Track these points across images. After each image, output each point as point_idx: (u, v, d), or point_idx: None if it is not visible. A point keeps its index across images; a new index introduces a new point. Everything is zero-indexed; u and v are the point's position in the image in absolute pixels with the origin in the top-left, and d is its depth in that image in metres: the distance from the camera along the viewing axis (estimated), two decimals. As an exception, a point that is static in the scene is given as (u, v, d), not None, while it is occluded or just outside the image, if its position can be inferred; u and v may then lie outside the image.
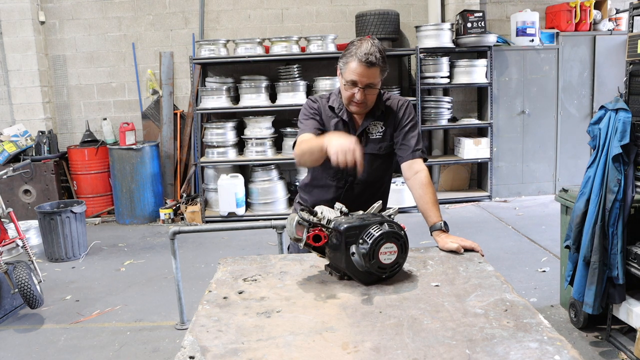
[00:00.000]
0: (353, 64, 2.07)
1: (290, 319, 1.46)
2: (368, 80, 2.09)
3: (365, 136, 2.26)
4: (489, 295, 1.56)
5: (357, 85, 2.10)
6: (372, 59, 2.04)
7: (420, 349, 1.27)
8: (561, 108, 6.85)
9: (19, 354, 3.43)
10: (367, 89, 2.11)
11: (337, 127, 2.25)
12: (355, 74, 2.07)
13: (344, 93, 2.17)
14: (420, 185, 2.21)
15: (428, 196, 2.17)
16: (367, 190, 2.32)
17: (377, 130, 2.27)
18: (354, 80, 2.09)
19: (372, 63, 2.05)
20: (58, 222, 5.08)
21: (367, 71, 2.06)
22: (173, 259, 3.62)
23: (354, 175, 2.24)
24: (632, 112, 2.95)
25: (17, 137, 6.46)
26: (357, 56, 2.05)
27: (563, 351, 1.23)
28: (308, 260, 1.90)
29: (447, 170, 7.06)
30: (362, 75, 2.07)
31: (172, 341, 3.52)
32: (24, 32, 6.52)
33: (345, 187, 2.28)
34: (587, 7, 6.59)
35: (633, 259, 2.97)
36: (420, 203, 2.20)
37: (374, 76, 2.09)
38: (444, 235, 2.04)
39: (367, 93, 2.12)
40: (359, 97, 2.12)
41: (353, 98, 2.14)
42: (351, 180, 2.27)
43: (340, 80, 2.19)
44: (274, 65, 6.57)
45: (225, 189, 6.16)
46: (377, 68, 2.07)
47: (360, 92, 2.11)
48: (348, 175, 2.25)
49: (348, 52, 2.11)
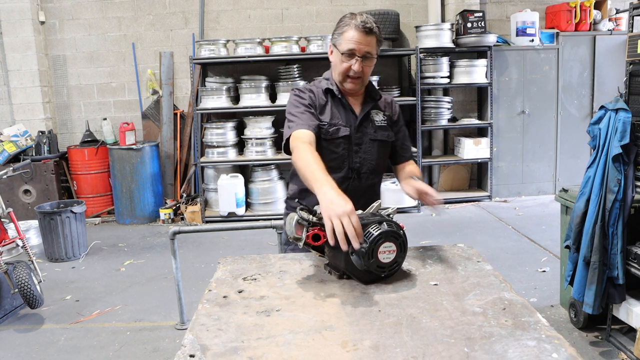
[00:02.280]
0: (350, 32, 2.00)
1: (290, 317, 1.46)
2: (366, 48, 2.01)
3: (371, 122, 2.18)
4: (487, 294, 1.56)
5: (356, 54, 2.01)
6: (369, 25, 1.99)
7: (419, 347, 1.27)
8: (561, 108, 6.85)
9: (19, 354, 3.43)
10: (364, 61, 2.03)
11: (337, 111, 2.14)
12: (353, 42, 1.99)
13: (339, 67, 2.07)
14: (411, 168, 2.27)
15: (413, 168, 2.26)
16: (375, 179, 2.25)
17: (380, 118, 2.20)
18: (352, 49, 2.00)
19: (370, 29, 1.99)
20: (58, 222, 5.08)
21: (365, 38, 1.99)
22: (173, 259, 3.62)
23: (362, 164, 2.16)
24: (632, 112, 2.95)
25: (17, 137, 6.47)
26: (353, 24, 1.99)
27: (561, 349, 1.23)
28: (307, 260, 1.91)
29: (447, 170, 7.07)
30: (360, 42, 1.99)
31: (172, 341, 3.52)
32: (24, 32, 6.53)
33: (352, 178, 2.15)
34: (587, 7, 6.59)
35: (633, 259, 2.97)
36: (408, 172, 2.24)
37: (372, 44, 2.02)
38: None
39: (364, 65, 2.04)
40: (357, 67, 2.02)
41: (350, 72, 2.05)
42: (358, 168, 2.16)
43: (334, 57, 2.10)
44: (274, 65, 6.57)
45: (225, 189, 6.17)
46: (374, 36, 2.02)
47: (358, 63, 2.02)
48: (355, 163, 2.16)
49: (342, 23, 2.05)
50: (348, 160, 2.14)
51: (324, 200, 1.60)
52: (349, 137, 2.13)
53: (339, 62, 2.06)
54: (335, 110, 2.14)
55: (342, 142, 2.13)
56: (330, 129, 2.11)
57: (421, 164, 6.55)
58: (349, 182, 2.14)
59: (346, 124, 2.13)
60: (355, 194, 1.80)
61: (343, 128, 2.12)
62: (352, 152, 2.15)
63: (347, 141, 2.13)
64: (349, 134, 2.13)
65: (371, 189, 2.22)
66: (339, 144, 2.12)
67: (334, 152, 2.12)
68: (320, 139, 2.08)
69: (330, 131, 2.11)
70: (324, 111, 2.13)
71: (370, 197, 2.14)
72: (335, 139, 2.12)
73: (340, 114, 2.14)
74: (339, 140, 2.12)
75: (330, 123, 2.11)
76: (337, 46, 2.05)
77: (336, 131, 2.11)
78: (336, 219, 1.53)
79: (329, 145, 2.11)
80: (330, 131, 2.11)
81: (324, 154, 2.04)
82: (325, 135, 2.11)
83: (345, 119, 2.14)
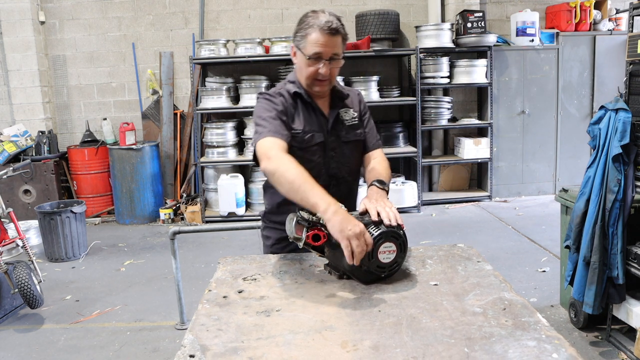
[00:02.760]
0: (314, 35, 1.88)
1: (290, 317, 1.46)
2: (333, 50, 1.90)
3: (341, 124, 2.07)
4: (487, 294, 1.56)
5: (322, 57, 1.90)
6: (334, 25, 1.87)
7: (419, 347, 1.27)
8: (561, 108, 6.85)
9: (19, 354, 3.43)
10: (331, 62, 1.92)
11: (309, 117, 2.02)
12: (319, 45, 1.88)
13: (305, 71, 1.95)
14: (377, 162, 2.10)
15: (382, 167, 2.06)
16: (354, 181, 2.16)
17: (350, 116, 2.09)
18: (318, 52, 1.89)
19: (336, 30, 1.88)
20: (58, 222, 5.08)
21: (331, 40, 1.88)
22: (173, 259, 3.62)
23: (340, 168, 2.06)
24: (632, 112, 2.95)
25: (17, 137, 6.47)
26: (317, 25, 1.87)
27: (561, 349, 1.23)
28: (307, 260, 1.90)
29: (447, 170, 7.07)
30: (326, 45, 1.88)
31: (172, 341, 3.52)
32: (24, 32, 6.53)
33: (331, 184, 2.02)
34: (587, 7, 6.59)
35: (633, 259, 2.97)
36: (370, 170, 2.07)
37: (338, 45, 1.92)
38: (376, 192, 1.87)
39: (331, 67, 1.93)
40: (324, 71, 1.92)
41: (317, 75, 1.94)
42: (336, 174, 2.06)
43: (298, 60, 1.98)
44: (274, 65, 6.57)
45: (225, 189, 6.17)
46: (340, 36, 1.91)
47: (325, 66, 1.91)
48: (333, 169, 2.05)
49: (304, 24, 1.91)
50: (325, 167, 2.04)
51: (336, 222, 1.58)
52: (324, 143, 2.03)
53: (305, 66, 1.95)
54: (306, 115, 2.03)
55: (318, 149, 2.02)
56: (305, 137, 2.00)
57: (421, 163, 6.55)
58: (328, 189, 1.82)
59: (319, 129, 2.03)
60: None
61: (317, 134, 2.02)
62: (329, 158, 2.05)
63: (322, 147, 2.03)
64: (324, 140, 2.03)
65: (351, 193, 2.15)
66: (315, 151, 2.02)
67: (310, 160, 1.99)
68: (294, 149, 1.96)
69: (306, 139, 2.00)
70: (295, 118, 2.02)
71: (352, 203, 2.11)
72: (310, 146, 2.01)
73: (312, 119, 2.03)
74: (315, 148, 2.02)
75: (305, 130, 2.00)
76: (302, 49, 1.94)
77: (311, 138, 2.01)
78: (355, 240, 1.55)
79: (304, 154, 1.99)
80: (306, 139, 2.00)
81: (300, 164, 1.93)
82: (300, 144, 1.99)
83: (317, 123, 2.03)
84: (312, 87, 2.00)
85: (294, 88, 2.03)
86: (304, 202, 1.67)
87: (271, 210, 2.17)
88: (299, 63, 1.99)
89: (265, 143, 1.87)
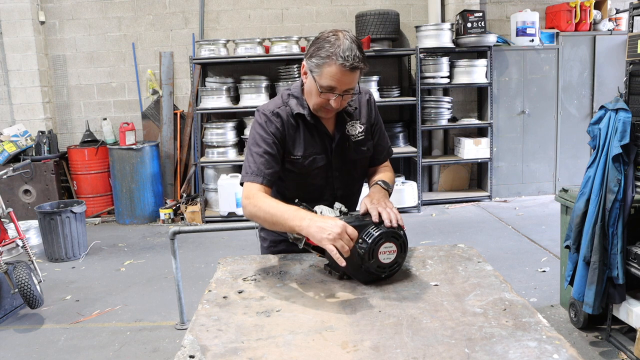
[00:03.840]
0: (332, 68, 1.72)
1: (290, 318, 1.46)
2: (348, 86, 1.77)
3: (347, 140, 1.95)
4: (487, 295, 1.56)
5: (335, 91, 1.77)
6: (355, 62, 1.71)
7: (419, 348, 1.27)
8: (561, 108, 6.85)
9: (19, 354, 3.43)
10: (344, 95, 1.80)
11: (311, 138, 1.91)
12: (335, 80, 1.74)
13: (315, 99, 1.82)
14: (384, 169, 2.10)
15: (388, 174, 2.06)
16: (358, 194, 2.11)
17: (357, 130, 1.96)
18: (333, 87, 1.76)
19: (356, 67, 1.72)
20: (58, 222, 5.08)
21: (349, 77, 1.74)
22: (173, 259, 3.62)
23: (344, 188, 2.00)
24: (632, 112, 2.95)
25: (17, 137, 6.46)
26: (336, 58, 1.70)
27: (562, 350, 1.23)
28: (307, 260, 1.90)
29: (447, 170, 7.07)
30: (342, 82, 1.74)
31: (172, 341, 3.52)
32: (24, 32, 6.52)
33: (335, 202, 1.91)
34: (587, 7, 6.59)
35: (633, 259, 2.97)
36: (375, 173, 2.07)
37: (355, 80, 1.78)
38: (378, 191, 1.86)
39: (343, 99, 1.81)
40: (336, 104, 1.79)
41: (327, 105, 1.81)
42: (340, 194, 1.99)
43: (309, 83, 1.83)
44: (274, 65, 6.57)
45: (225, 189, 6.17)
46: (359, 71, 1.75)
47: (337, 100, 1.78)
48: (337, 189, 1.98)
49: (323, 50, 1.73)
50: (328, 188, 1.97)
51: (312, 231, 1.57)
52: (327, 165, 1.94)
53: (316, 94, 1.80)
54: (308, 136, 1.91)
55: (320, 172, 1.94)
56: (305, 162, 1.91)
57: (421, 163, 6.55)
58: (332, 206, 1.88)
59: (321, 151, 1.93)
60: None
61: (319, 157, 1.92)
62: (332, 179, 1.97)
63: (325, 169, 1.95)
64: (325, 163, 1.94)
65: (354, 204, 2.09)
66: (316, 175, 1.94)
67: (311, 184, 1.95)
68: (293, 175, 1.93)
69: (306, 164, 1.91)
70: (295, 141, 1.90)
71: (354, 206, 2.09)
72: (312, 170, 1.93)
73: (314, 141, 1.92)
74: (316, 172, 1.93)
75: (305, 155, 1.90)
76: (315, 77, 1.78)
77: (312, 162, 1.92)
78: (338, 242, 1.53)
79: (305, 179, 1.94)
80: (306, 164, 1.91)
81: (300, 187, 1.93)
82: (300, 170, 1.92)
83: (321, 144, 1.93)
84: (318, 112, 1.88)
85: (297, 108, 1.90)
86: (286, 229, 1.68)
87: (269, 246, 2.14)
88: (309, 86, 1.84)
89: (245, 189, 1.85)
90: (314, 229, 1.57)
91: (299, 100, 1.91)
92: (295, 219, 1.63)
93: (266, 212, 1.72)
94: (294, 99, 1.92)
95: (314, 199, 1.88)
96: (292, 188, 1.94)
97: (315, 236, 1.56)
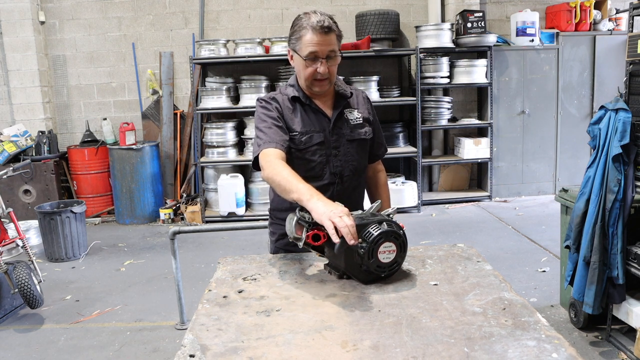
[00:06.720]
0: (308, 35, 1.91)
1: (290, 317, 1.46)
2: (328, 48, 1.93)
3: (346, 122, 2.10)
4: (487, 294, 1.56)
5: (319, 56, 1.94)
6: (326, 24, 1.91)
7: (418, 347, 1.27)
8: (561, 108, 6.85)
9: (19, 354, 3.43)
10: (329, 60, 1.96)
11: (308, 118, 2.05)
12: (314, 44, 1.91)
13: (304, 73, 1.98)
14: (381, 185, 2.36)
15: (385, 195, 2.33)
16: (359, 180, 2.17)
17: (355, 116, 2.12)
18: (314, 52, 1.92)
19: (329, 28, 1.91)
20: (58, 222, 5.08)
21: (325, 38, 1.91)
22: (173, 259, 3.62)
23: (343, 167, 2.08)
24: (632, 112, 2.95)
25: (17, 137, 6.47)
26: (310, 26, 1.91)
27: (561, 349, 1.23)
28: (307, 260, 1.91)
29: (447, 170, 7.07)
30: (321, 43, 1.91)
31: (172, 341, 3.52)
32: (24, 32, 6.53)
33: (335, 182, 2.07)
34: (587, 7, 6.59)
35: (633, 259, 2.97)
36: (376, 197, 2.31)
37: (333, 42, 1.95)
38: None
39: (329, 65, 1.96)
40: (323, 69, 1.95)
41: (316, 75, 1.97)
42: (339, 172, 2.08)
43: (296, 62, 2.01)
44: (274, 65, 6.57)
45: (225, 189, 6.17)
46: (334, 33, 1.94)
47: (323, 64, 1.94)
48: (336, 167, 2.07)
49: (297, 27, 1.96)
50: (328, 166, 2.06)
51: (319, 205, 1.63)
52: (325, 143, 2.05)
53: (303, 68, 1.98)
54: (305, 116, 2.06)
55: (318, 149, 2.04)
56: (302, 138, 2.03)
57: (421, 163, 6.55)
58: (332, 187, 2.07)
59: (319, 129, 2.05)
60: (341, 199, 1.77)
61: (316, 135, 2.04)
62: (331, 157, 2.06)
63: (324, 147, 2.05)
64: (324, 139, 2.05)
65: (356, 191, 2.16)
66: (315, 151, 2.04)
67: (311, 160, 2.04)
68: (293, 151, 2.02)
69: (303, 140, 2.03)
70: (293, 120, 2.05)
71: (356, 200, 2.14)
72: (309, 147, 2.04)
73: (312, 120, 2.06)
74: (314, 148, 2.04)
75: (302, 132, 2.03)
76: (298, 51, 1.97)
77: (309, 139, 2.03)
78: (336, 218, 1.57)
79: (304, 155, 2.04)
80: (303, 140, 2.03)
81: (301, 165, 2.01)
82: (298, 146, 2.03)
83: (318, 123, 2.06)
84: (312, 88, 2.03)
85: (293, 92, 2.07)
86: (294, 198, 1.73)
87: (276, 206, 2.19)
88: (297, 66, 2.02)
89: (263, 155, 1.94)
90: (320, 204, 1.63)
91: (294, 87, 2.09)
92: (305, 194, 1.69)
93: (283, 177, 1.79)
94: (290, 87, 2.10)
95: (315, 177, 2.03)
96: (293, 166, 1.99)
97: (318, 210, 1.61)
